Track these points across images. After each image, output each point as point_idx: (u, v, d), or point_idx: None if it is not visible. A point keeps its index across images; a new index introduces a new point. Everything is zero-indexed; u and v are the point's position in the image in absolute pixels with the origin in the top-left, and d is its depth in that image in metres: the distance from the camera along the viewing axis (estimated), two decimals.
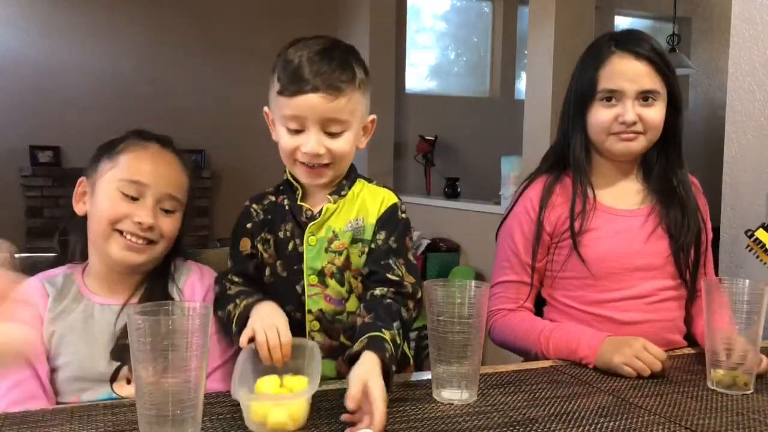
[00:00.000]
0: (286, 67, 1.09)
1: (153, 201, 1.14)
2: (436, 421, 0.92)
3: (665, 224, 1.34)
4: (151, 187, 1.14)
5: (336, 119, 1.09)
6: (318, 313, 1.14)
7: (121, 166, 1.15)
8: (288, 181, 1.19)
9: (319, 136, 1.09)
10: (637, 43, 1.30)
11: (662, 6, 5.63)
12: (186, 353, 0.79)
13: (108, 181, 1.15)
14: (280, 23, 5.11)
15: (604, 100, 1.31)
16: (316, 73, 1.07)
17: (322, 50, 1.09)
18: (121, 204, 1.13)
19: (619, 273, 1.31)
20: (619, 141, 1.31)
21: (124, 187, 1.13)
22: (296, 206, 1.17)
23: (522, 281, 1.38)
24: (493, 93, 5.77)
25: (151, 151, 1.18)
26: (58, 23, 4.61)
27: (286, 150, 1.12)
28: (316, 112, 1.08)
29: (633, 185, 1.39)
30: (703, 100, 5.82)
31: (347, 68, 1.10)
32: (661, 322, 1.31)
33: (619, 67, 1.29)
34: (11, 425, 0.87)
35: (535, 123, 3.38)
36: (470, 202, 3.91)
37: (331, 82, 1.07)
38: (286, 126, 1.11)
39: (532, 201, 1.37)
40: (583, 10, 3.36)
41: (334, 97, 1.07)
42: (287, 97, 1.08)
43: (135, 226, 1.12)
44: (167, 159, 1.19)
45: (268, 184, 1.24)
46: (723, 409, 1.01)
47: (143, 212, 1.13)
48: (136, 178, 1.14)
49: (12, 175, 4.42)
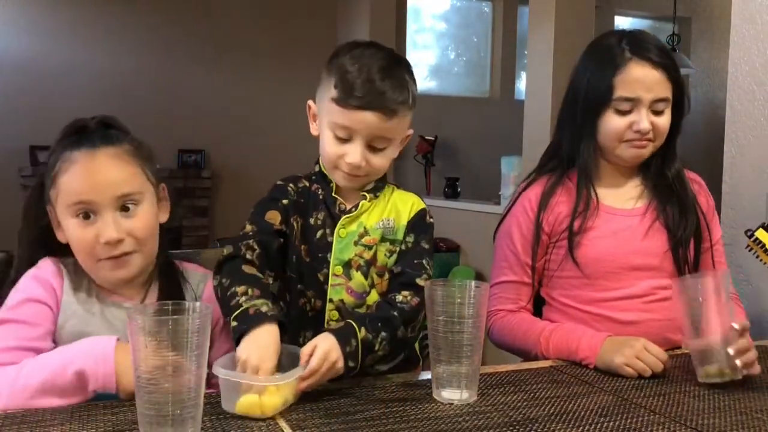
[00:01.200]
0: (345, 77, 1.09)
1: (110, 212, 1.07)
2: (436, 421, 0.92)
3: (662, 219, 1.34)
4: (98, 201, 1.06)
5: (384, 137, 1.12)
6: (339, 303, 1.16)
7: (62, 190, 1.07)
8: (321, 173, 1.21)
9: (364, 150, 1.12)
10: (649, 48, 1.29)
11: (662, 6, 5.64)
12: (186, 353, 0.79)
13: (61, 210, 1.08)
14: (280, 23, 5.12)
15: (618, 109, 1.30)
16: (376, 92, 1.08)
17: (383, 68, 1.10)
18: (83, 231, 1.07)
19: (615, 272, 1.31)
20: (631, 148, 1.31)
21: (76, 212, 1.06)
22: (330, 198, 1.19)
23: (521, 281, 1.38)
24: (493, 93, 5.77)
25: (81, 163, 1.07)
26: (59, 23, 4.61)
27: (330, 156, 1.14)
28: (367, 128, 1.10)
29: (631, 183, 1.40)
30: (703, 100, 5.82)
31: (404, 89, 1.12)
32: (660, 321, 1.31)
33: (636, 75, 1.28)
34: (11, 425, 0.87)
35: (535, 123, 3.38)
36: (470, 202, 3.91)
37: (388, 105, 1.09)
38: (333, 132, 1.12)
39: (530, 201, 1.37)
40: (583, 10, 3.36)
41: (388, 118, 1.10)
42: (342, 108, 1.09)
43: (106, 248, 1.07)
44: (99, 161, 1.08)
45: (268, 184, 1.24)
46: (726, 408, 1.01)
47: (105, 229, 1.06)
48: (79, 199, 1.06)
49: (12, 175, 4.42)
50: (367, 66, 1.09)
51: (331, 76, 1.12)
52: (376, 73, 1.09)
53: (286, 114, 5.16)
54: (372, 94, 1.08)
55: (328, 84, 1.12)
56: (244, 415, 0.91)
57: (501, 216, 1.45)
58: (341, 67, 1.10)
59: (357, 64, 1.10)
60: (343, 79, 1.09)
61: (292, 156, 5.17)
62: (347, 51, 1.13)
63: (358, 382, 1.08)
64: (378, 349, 1.04)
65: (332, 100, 1.10)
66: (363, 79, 1.08)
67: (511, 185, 3.40)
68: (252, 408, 0.91)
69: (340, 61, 1.12)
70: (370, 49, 1.13)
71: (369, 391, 1.04)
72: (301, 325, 1.17)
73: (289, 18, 5.13)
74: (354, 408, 0.96)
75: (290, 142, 5.15)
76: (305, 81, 5.82)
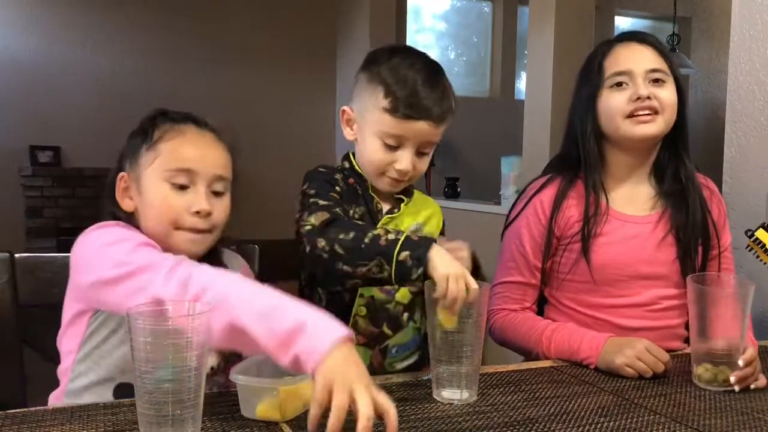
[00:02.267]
0: (401, 85, 1.10)
1: (205, 186, 1.09)
2: (436, 421, 0.92)
3: (675, 229, 1.32)
4: (200, 173, 1.08)
5: (431, 141, 1.15)
6: (369, 299, 1.17)
7: (165, 155, 1.08)
8: (354, 170, 1.21)
9: (413, 156, 1.14)
10: (635, 33, 1.33)
11: (662, 6, 5.64)
12: (186, 353, 0.79)
13: (154, 173, 1.08)
14: (280, 24, 5.12)
15: (614, 86, 1.29)
16: (432, 102, 1.11)
17: (432, 75, 1.13)
18: (174, 197, 1.07)
19: (623, 280, 1.30)
20: (637, 124, 1.27)
21: (174, 177, 1.07)
22: (368, 195, 1.20)
23: (527, 282, 1.37)
24: (493, 93, 5.77)
25: (189, 135, 1.11)
26: (59, 24, 4.61)
27: (378, 163, 1.15)
28: (419, 136, 1.12)
29: (645, 189, 1.37)
30: (703, 100, 5.82)
31: (448, 96, 1.15)
32: (661, 329, 1.31)
33: (624, 53, 1.30)
34: (11, 425, 0.87)
35: (535, 123, 3.37)
36: (470, 202, 3.91)
37: (441, 114, 1.13)
38: (383, 140, 1.13)
39: (542, 203, 1.35)
40: (583, 11, 3.36)
41: (439, 125, 1.13)
42: (397, 119, 1.10)
43: (194, 218, 1.07)
44: (207, 139, 1.13)
45: (268, 184, 1.24)
46: (727, 409, 1.01)
47: (198, 200, 1.08)
48: (184, 166, 1.08)
49: (12, 175, 4.43)
50: (419, 74, 1.12)
51: (376, 84, 1.12)
52: (426, 81, 1.11)
53: (286, 114, 5.16)
54: (429, 103, 1.11)
55: (373, 93, 1.13)
56: (264, 420, 0.90)
57: (508, 212, 1.43)
58: (389, 76, 1.12)
59: (408, 70, 1.12)
60: (393, 90, 1.10)
61: (292, 156, 5.19)
62: (387, 58, 1.14)
63: None
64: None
65: (383, 110, 1.11)
66: (417, 88, 1.10)
67: (512, 185, 3.40)
68: (272, 412, 0.90)
69: (384, 69, 1.13)
70: (410, 58, 1.15)
71: None
72: None
73: (289, 18, 5.13)
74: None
75: (290, 142, 5.16)
76: (305, 81, 5.85)
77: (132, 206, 1.11)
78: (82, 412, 0.93)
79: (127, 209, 1.11)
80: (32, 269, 1.26)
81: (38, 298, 1.27)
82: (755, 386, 1.09)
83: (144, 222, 1.09)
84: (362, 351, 1.16)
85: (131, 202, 1.11)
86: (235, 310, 0.87)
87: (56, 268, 1.26)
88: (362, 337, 1.16)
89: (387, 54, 1.15)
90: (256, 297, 0.90)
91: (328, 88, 5.27)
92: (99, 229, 1.05)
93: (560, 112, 3.17)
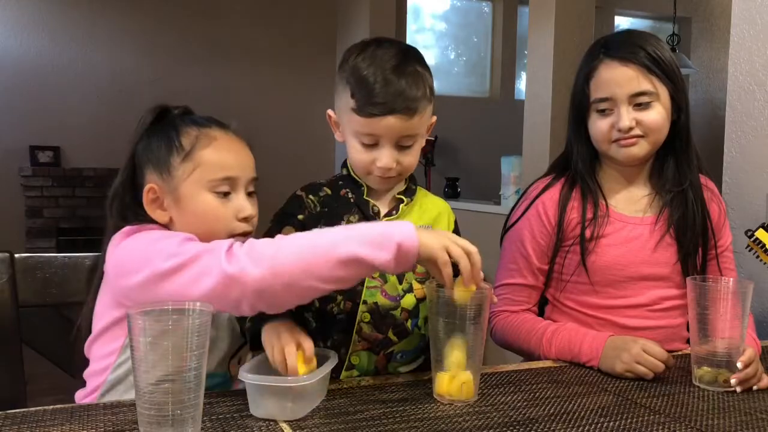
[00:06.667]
0: (361, 84, 1.07)
1: (243, 191, 1.09)
2: (436, 421, 0.92)
3: (674, 230, 1.32)
4: (241, 178, 1.09)
5: (409, 135, 1.11)
6: (372, 305, 1.14)
7: (206, 166, 1.07)
8: (350, 176, 1.20)
9: (392, 152, 1.11)
10: (619, 47, 1.28)
11: (662, 6, 5.64)
12: (186, 353, 0.79)
13: (195, 184, 1.06)
14: (280, 23, 5.12)
15: (598, 110, 1.30)
16: (393, 94, 1.06)
17: (396, 67, 1.08)
18: (220, 207, 1.07)
19: (624, 281, 1.30)
20: (620, 148, 1.29)
21: (218, 187, 1.07)
22: (362, 200, 1.18)
23: (528, 285, 1.37)
24: (493, 93, 5.77)
25: (221, 140, 1.10)
26: (59, 23, 4.61)
27: (361, 163, 1.13)
28: (392, 131, 1.09)
29: (642, 191, 1.37)
30: (703, 100, 5.82)
31: (420, 83, 1.10)
32: (663, 329, 1.31)
33: (606, 75, 1.27)
34: (11, 425, 0.87)
35: (535, 123, 3.37)
36: (470, 202, 3.91)
37: (407, 104, 1.07)
38: (359, 140, 1.12)
39: (545, 205, 1.35)
40: (583, 10, 3.36)
41: (410, 117, 1.08)
42: (364, 118, 1.08)
43: (243, 224, 1.08)
44: (236, 142, 1.12)
45: (268, 184, 1.24)
46: (729, 409, 1.01)
47: (245, 206, 1.08)
48: (228, 175, 1.07)
49: (12, 175, 4.43)
50: (380, 69, 1.07)
51: (345, 84, 1.10)
52: (389, 74, 1.07)
53: (286, 114, 5.16)
54: (389, 97, 1.06)
55: (344, 93, 1.11)
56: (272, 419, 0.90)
57: (508, 214, 1.43)
58: (353, 75, 1.09)
59: (368, 68, 1.08)
60: (358, 87, 1.07)
61: (292, 156, 5.19)
62: (355, 56, 1.11)
63: (357, 382, 1.08)
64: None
65: (352, 110, 1.09)
66: (377, 82, 1.06)
67: (512, 185, 3.40)
68: (282, 411, 0.90)
69: (351, 67, 1.10)
70: (381, 49, 1.11)
71: (369, 391, 1.04)
72: (328, 330, 1.15)
73: (289, 18, 5.13)
74: (354, 408, 0.96)
75: (290, 143, 5.16)
76: (305, 81, 5.85)
77: (166, 217, 1.08)
78: (82, 412, 0.93)
79: (160, 220, 1.08)
80: (32, 269, 1.26)
81: (38, 298, 1.27)
82: (758, 387, 1.09)
83: (184, 230, 1.05)
84: (366, 356, 1.15)
85: (165, 213, 1.08)
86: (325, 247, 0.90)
87: (56, 268, 1.26)
88: (366, 342, 1.14)
89: (355, 52, 1.12)
90: (322, 233, 0.93)
91: (328, 88, 5.27)
92: (138, 232, 1.03)
93: (560, 112, 3.18)
